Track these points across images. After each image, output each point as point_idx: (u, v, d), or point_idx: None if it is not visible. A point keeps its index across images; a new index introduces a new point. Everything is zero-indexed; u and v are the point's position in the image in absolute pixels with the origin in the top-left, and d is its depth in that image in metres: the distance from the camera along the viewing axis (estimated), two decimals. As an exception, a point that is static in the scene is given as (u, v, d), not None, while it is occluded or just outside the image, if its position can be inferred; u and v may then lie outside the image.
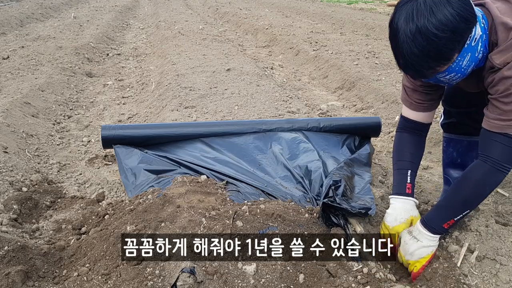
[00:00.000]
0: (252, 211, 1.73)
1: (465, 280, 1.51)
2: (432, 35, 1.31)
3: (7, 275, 1.52)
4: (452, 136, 2.19)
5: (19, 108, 3.47)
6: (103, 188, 2.45)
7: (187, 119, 3.25)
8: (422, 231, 1.59)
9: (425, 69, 1.40)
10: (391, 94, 3.97)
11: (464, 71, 1.45)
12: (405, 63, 1.41)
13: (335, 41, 6.70)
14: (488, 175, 1.51)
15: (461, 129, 2.12)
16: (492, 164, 1.49)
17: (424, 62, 1.38)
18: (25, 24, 8.55)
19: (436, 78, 1.48)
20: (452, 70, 1.43)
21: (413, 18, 1.33)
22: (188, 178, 2.08)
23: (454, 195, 1.59)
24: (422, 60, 1.37)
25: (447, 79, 1.48)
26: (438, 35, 1.31)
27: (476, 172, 1.54)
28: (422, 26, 1.32)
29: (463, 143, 2.16)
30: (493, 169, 1.49)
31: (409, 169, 1.78)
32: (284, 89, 4.26)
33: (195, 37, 6.84)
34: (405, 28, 1.35)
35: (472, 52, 1.42)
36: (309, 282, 1.51)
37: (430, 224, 1.58)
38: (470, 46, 1.40)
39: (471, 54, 1.42)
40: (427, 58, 1.36)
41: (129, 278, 1.47)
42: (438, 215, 1.59)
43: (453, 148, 2.19)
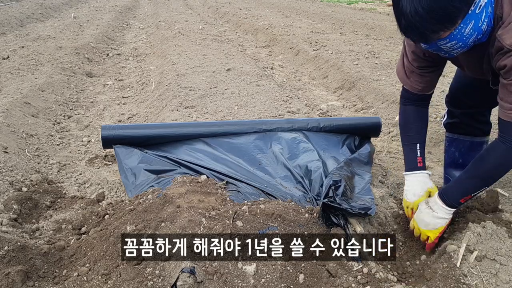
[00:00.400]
0: (252, 211, 1.73)
1: (465, 280, 1.51)
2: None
3: (7, 275, 1.52)
4: (454, 136, 2.19)
5: (19, 108, 3.47)
6: (103, 188, 2.45)
7: (187, 119, 3.25)
8: (439, 203, 1.64)
9: (428, 32, 1.36)
10: (391, 94, 3.97)
11: (466, 41, 1.41)
12: (408, 24, 1.36)
13: (335, 41, 6.70)
14: (506, 154, 1.54)
15: (463, 129, 2.13)
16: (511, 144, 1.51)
17: (428, 23, 1.33)
18: (25, 24, 8.55)
19: (437, 46, 1.44)
20: (453, 37, 1.39)
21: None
22: (188, 178, 2.08)
23: (473, 173, 1.63)
24: (426, 20, 1.32)
25: (448, 47, 1.44)
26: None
27: (495, 151, 1.57)
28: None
29: (465, 143, 2.16)
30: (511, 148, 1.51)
31: (417, 142, 1.83)
32: (284, 89, 4.26)
33: (195, 37, 6.84)
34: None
35: (476, 20, 1.37)
36: (309, 282, 1.51)
37: (447, 197, 1.63)
38: (474, 13, 1.35)
39: (474, 22, 1.37)
40: (431, 18, 1.32)
41: (129, 278, 1.47)
42: (456, 190, 1.64)
43: (455, 148, 2.19)
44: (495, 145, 1.56)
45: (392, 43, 6.57)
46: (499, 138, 1.55)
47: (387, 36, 7.17)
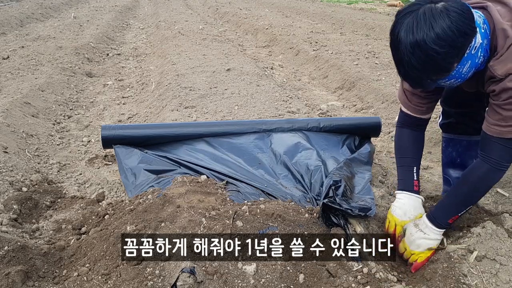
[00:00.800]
0: (252, 211, 1.73)
1: (465, 280, 1.51)
2: (430, 50, 1.33)
3: (7, 275, 1.52)
4: (451, 136, 2.19)
5: (19, 108, 3.47)
6: (103, 188, 2.45)
7: (187, 119, 3.25)
8: (429, 225, 1.66)
9: (424, 80, 1.44)
10: (391, 94, 3.97)
11: (464, 76, 1.48)
12: (405, 73, 1.44)
13: (335, 41, 6.70)
14: (488, 174, 1.59)
15: (460, 129, 2.13)
16: (492, 164, 1.56)
17: (423, 74, 1.41)
18: (25, 24, 8.55)
19: (437, 84, 1.51)
20: (452, 77, 1.46)
21: (412, 31, 1.35)
22: (188, 178, 2.08)
23: (457, 193, 1.69)
24: (422, 72, 1.40)
25: (448, 84, 1.52)
26: (436, 50, 1.33)
27: (477, 171, 1.61)
28: (420, 40, 1.34)
29: (462, 143, 2.16)
30: (493, 168, 1.56)
31: (413, 165, 1.83)
32: (284, 89, 4.26)
33: (195, 37, 6.84)
34: (405, 40, 1.37)
35: (472, 60, 1.44)
36: (309, 282, 1.51)
37: (436, 219, 1.66)
38: (470, 54, 1.42)
39: (471, 61, 1.44)
40: (426, 70, 1.40)
41: (129, 278, 1.47)
42: (443, 211, 1.67)
43: (452, 148, 2.19)
44: (478, 165, 1.60)
45: (392, 43, 6.56)
46: (482, 158, 1.59)
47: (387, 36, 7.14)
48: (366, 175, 2.23)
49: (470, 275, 1.53)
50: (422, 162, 2.80)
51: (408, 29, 1.36)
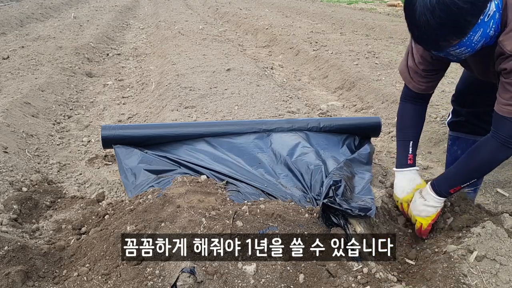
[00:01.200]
0: (252, 211, 1.73)
1: (465, 280, 1.51)
2: (453, 4, 1.31)
3: (7, 275, 1.52)
4: (458, 135, 2.20)
5: (19, 108, 3.47)
6: (103, 188, 2.45)
7: (187, 119, 3.25)
8: (430, 192, 1.74)
9: (441, 41, 1.41)
10: (391, 94, 3.97)
11: (474, 46, 1.46)
12: (421, 35, 1.42)
13: (335, 41, 6.70)
14: (497, 150, 1.59)
15: (468, 128, 2.14)
16: (502, 140, 1.56)
17: (440, 34, 1.38)
18: (25, 24, 8.55)
19: (447, 52, 1.49)
20: (463, 44, 1.44)
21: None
22: (188, 178, 2.08)
23: (464, 165, 1.70)
24: (439, 32, 1.37)
25: (457, 53, 1.49)
26: (459, 5, 1.31)
27: (486, 147, 1.62)
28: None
29: (468, 142, 2.16)
30: (503, 145, 1.56)
31: (411, 140, 1.91)
32: (284, 89, 4.26)
33: (195, 37, 6.84)
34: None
35: (484, 28, 1.42)
36: (309, 282, 1.51)
37: (437, 187, 1.73)
38: (483, 21, 1.40)
39: (483, 30, 1.42)
40: (444, 30, 1.37)
41: (129, 278, 1.47)
42: (446, 181, 1.73)
43: (458, 146, 2.20)
44: (487, 141, 1.61)
45: (392, 43, 6.57)
46: (492, 133, 1.59)
47: (387, 36, 7.17)
48: (366, 175, 2.23)
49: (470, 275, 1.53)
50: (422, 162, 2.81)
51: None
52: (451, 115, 2.24)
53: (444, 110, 3.40)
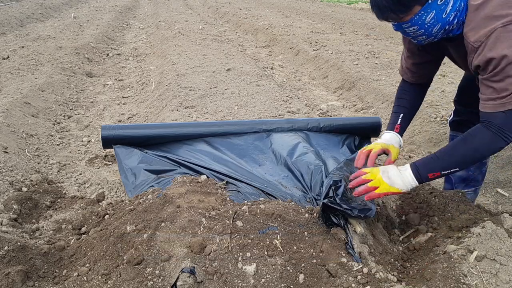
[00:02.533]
0: (252, 211, 1.73)
1: (465, 280, 1.51)
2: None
3: (7, 275, 1.52)
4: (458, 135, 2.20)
5: (19, 108, 3.47)
6: (103, 188, 2.45)
7: (187, 119, 3.25)
8: (408, 169, 1.67)
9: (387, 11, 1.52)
10: (391, 94, 3.97)
11: (428, 29, 1.53)
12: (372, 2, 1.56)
13: (335, 41, 6.70)
14: (490, 140, 1.54)
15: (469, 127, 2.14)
16: (495, 130, 1.52)
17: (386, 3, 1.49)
18: (25, 24, 8.55)
19: (402, 28, 1.58)
20: (414, 23, 1.52)
21: None
22: (188, 178, 2.08)
23: (451, 152, 1.62)
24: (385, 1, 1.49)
25: (412, 32, 1.57)
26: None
27: (478, 136, 1.57)
28: None
29: None
30: (496, 135, 1.52)
31: (401, 112, 2.00)
32: (284, 89, 4.26)
33: (195, 37, 6.84)
34: None
35: (437, 11, 1.48)
36: (309, 282, 1.51)
37: (417, 168, 1.65)
38: (435, 3, 1.47)
39: (436, 13, 1.48)
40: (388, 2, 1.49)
41: (129, 278, 1.47)
42: (427, 164, 1.65)
43: None
44: (480, 130, 1.57)
45: (392, 43, 6.57)
46: (483, 124, 1.57)
47: (387, 36, 7.17)
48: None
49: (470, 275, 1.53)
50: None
51: None
52: (453, 115, 2.24)
53: (444, 110, 3.40)
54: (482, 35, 1.44)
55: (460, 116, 2.18)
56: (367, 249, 1.69)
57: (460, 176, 2.24)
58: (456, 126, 2.21)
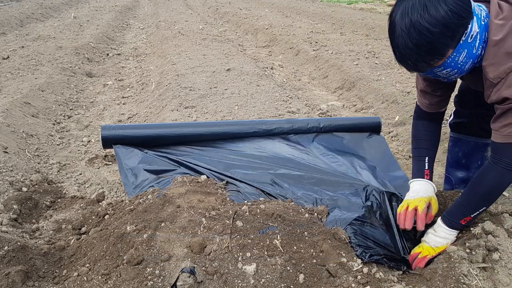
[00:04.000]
0: (252, 211, 1.73)
1: (465, 280, 1.51)
2: (424, 29, 1.36)
3: (7, 275, 1.52)
4: (460, 136, 2.20)
5: (19, 108, 3.47)
6: (103, 188, 2.45)
7: (187, 119, 3.25)
8: (440, 224, 1.69)
9: (419, 63, 1.45)
10: (391, 94, 3.97)
11: (461, 67, 1.48)
12: (401, 56, 1.47)
13: (335, 41, 6.70)
14: (501, 176, 1.56)
15: (469, 129, 2.14)
16: (504, 165, 1.54)
17: (418, 55, 1.42)
18: (25, 24, 8.55)
19: (434, 73, 1.51)
20: (448, 65, 1.46)
21: (408, 13, 1.39)
22: (188, 178, 2.08)
23: (471, 195, 1.65)
24: (416, 53, 1.42)
25: (444, 74, 1.51)
26: (430, 29, 1.36)
27: (489, 174, 1.59)
28: (415, 21, 1.37)
29: (469, 144, 2.17)
30: (505, 170, 1.54)
31: (426, 156, 1.87)
32: (284, 89, 4.26)
33: (195, 37, 6.84)
34: (401, 22, 1.41)
35: (469, 49, 1.44)
36: (309, 282, 1.51)
37: (448, 219, 1.68)
38: (466, 42, 1.42)
39: (468, 51, 1.44)
40: (420, 51, 1.41)
41: (129, 278, 1.47)
42: (456, 212, 1.67)
43: (459, 148, 2.20)
44: (489, 168, 1.59)
45: (392, 43, 6.56)
46: (492, 159, 1.57)
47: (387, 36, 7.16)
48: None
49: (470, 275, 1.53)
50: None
51: (404, 12, 1.40)
52: (453, 116, 2.24)
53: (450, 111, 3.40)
54: (502, 72, 1.42)
55: (460, 118, 2.17)
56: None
57: (460, 177, 2.24)
58: (457, 127, 2.20)
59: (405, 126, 3.44)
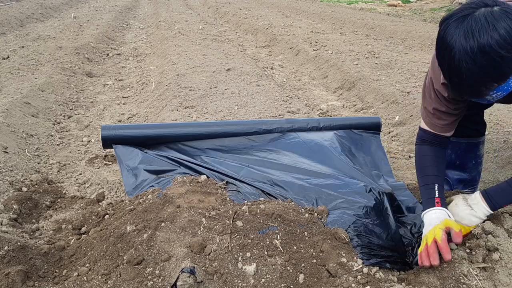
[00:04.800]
0: (252, 211, 1.73)
1: (464, 280, 1.51)
2: (496, 55, 1.23)
3: (7, 275, 1.52)
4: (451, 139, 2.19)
5: (19, 108, 3.47)
6: (103, 188, 2.45)
7: (187, 119, 3.25)
8: (480, 201, 1.53)
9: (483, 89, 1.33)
10: (391, 94, 3.97)
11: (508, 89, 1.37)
12: (461, 83, 1.33)
13: (335, 41, 6.70)
14: None
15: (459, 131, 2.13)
16: None
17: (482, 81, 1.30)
18: (25, 24, 8.55)
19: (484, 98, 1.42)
20: (500, 89, 1.35)
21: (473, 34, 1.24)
22: (188, 178, 2.08)
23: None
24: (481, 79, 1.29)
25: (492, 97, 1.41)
26: (502, 55, 1.23)
27: None
28: (485, 44, 1.23)
29: (461, 145, 2.17)
30: None
31: (435, 183, 1.71)
32: (284, 89, 4.26)
33: (195, 37, 6.84)
34: (465, 45, 1.25)
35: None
36: (309, 282, 1.51)
37: (491, 198, 1.51)
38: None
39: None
40: (486, 77, 1.29)
41: (129, 278, 1.47)
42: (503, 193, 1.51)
43: (452, 150, 2.19)
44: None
45: (392, 43, 6.58)
46: None
47: (387, 36, 7.17)
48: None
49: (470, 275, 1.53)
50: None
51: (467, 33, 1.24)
52: None
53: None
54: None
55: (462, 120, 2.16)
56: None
57: (457, 179, 2.24)
58: None
59: (405, 126, 3.44)
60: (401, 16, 9.81)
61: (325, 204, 1.93)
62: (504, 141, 2.93)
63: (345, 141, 2.49)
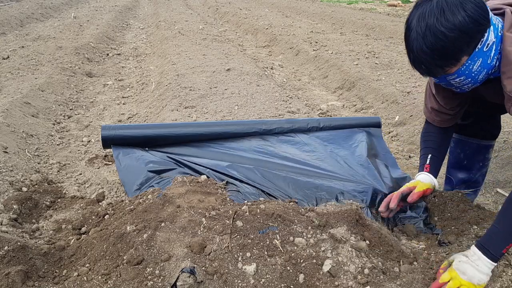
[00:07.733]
0: (252, 211, 1.73)
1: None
2: (439, 33, 1.36)
3: (7, 275, 1.52)
4: (462, 138, 2.19)
5: (19, 108, 3.47)
6: (103, 188, 2.45)
7: (187, 119, 3.25)
8: (482, 257, 1.47)
9: (433, 67, 1.44)
10: (391, 94, 3.97)
11: (475, 77, 1.45)
12: (415, 59, 1.46)
13: (335, 41, 6.70)
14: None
15: (472, 131, 2.13)
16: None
17: (432, 59, 1.41)
18: (25, 24, 8.55)
19: (446, 80, 1.49)
20: (462, 73, 1.44)
21: (424, 17, 1.39)
22: (188, 178, 2.08)
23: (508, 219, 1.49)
24: (430, 57, 1.41)
25: (457, 82, 1.49)
26: (445, 33, 1.35)
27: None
28: (431, 25, 1.37)
29: (472, 146, 2.16)
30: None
31: (429, 153, 1.92)
32: (284, 89, 4.26)
33: (195, 37, 6.84)
34: (417, 26, 1.41)
35: (484, 58, 1.41)
36: (309, 282, 1.51)
37: (489, 250, 1.47)
38: (481, 51, 1.40)
39: (483, 60, 1.41)
40: (435, 55, 1.40)
41: (129, 278, 1.47)
42: (496, 240, 1.48)
43: (461, 149, 2.19)
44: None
45: (392, 43, 6.57)
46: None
47: (387, 36, 7.17)
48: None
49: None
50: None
51: (421, 16, 1.40)
52: None
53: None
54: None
55: (465, 120, 2.16)
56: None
57: (461, 179, 2.24)
58: (460, 129, 2.19)
59: (405, 126, 3.44)
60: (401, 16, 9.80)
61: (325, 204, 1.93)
62: (504, 141, 2.93)
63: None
